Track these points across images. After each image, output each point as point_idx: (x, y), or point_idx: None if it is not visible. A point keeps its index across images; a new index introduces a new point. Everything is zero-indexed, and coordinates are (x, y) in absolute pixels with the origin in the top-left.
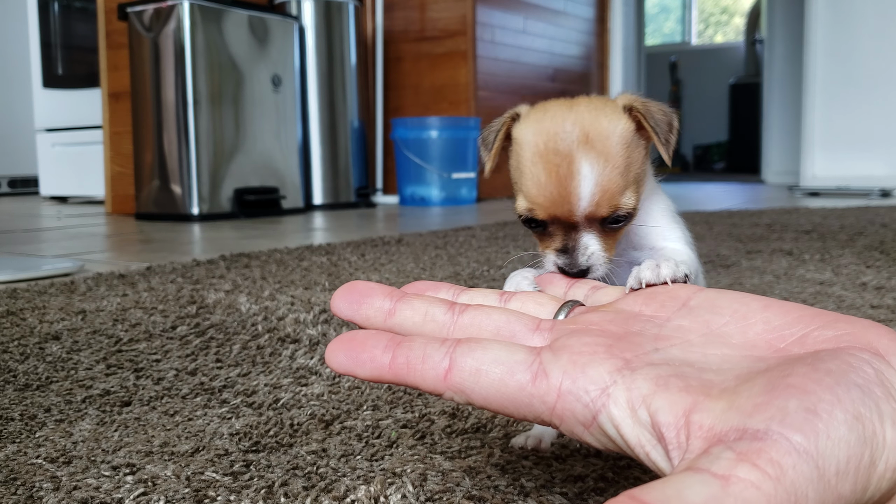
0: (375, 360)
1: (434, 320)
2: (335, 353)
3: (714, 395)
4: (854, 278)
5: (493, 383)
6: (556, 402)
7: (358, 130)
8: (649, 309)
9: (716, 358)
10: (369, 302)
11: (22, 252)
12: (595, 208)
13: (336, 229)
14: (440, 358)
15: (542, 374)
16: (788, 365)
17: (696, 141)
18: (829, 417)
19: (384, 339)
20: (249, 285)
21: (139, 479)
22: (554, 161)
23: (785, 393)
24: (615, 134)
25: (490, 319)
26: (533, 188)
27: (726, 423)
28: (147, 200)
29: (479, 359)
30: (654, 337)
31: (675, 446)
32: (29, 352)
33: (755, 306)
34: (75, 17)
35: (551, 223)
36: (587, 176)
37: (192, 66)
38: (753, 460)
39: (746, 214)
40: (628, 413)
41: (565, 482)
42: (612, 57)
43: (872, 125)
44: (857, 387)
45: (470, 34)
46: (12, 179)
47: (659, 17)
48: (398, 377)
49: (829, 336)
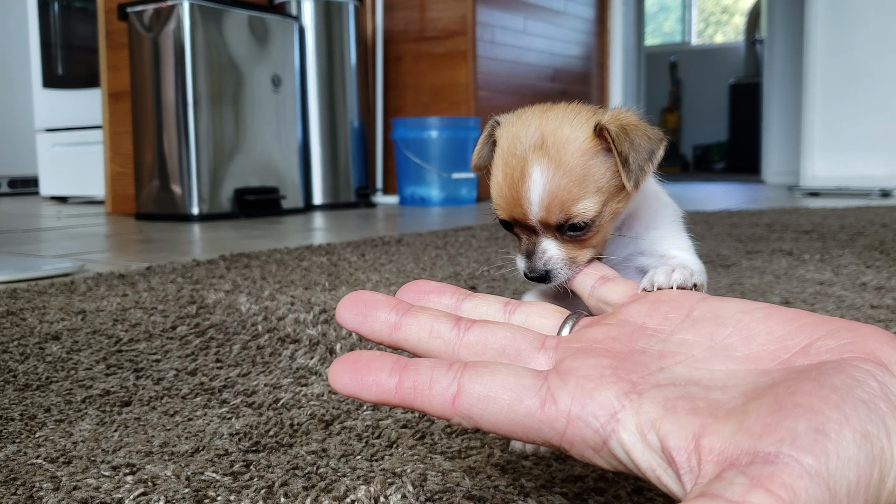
0: (381, 384)
1: (440, 337)
2: (339, 375)
3: (721, 417)
4: (854, 278)
5: (501, 409)
6: (567, 428)
7: (358, 130)
8: (653, 321)
9: (721, 374)
10: (374, 315)
11: (22, 252)
12: (546, 214)
13: (336, 229)
14: (448, 383)
15: (550, 399)
16: (794, 381)
17: (696, 141)
18: (838, 437)
19: (389, 361)
20: (249, 285)
21: (139, 479)
22: (511, 164)
23: (793, 413)
24: (574, 143)
25: (496, 337)
26: (495, 190)
27: (737, 447)
28: (147, 200)
29: (486, 385)
30: (658, 355)
31: (687, 470)
32: (29, 352)
33: (758, 315)
34: (75, 17)
35: (515, 225)
36: (537, 181)
37: (192, 66)
38: (766, 486)
39: (746, 214)
40: (638, 438)
41: (565, 482)
42: (612, 57)
43: (872, 125)
44: (864, 403)
45: (470, 34)
46: (12, 179)
47: (659, 17)
48: (405, 402)
49: (832, 346)
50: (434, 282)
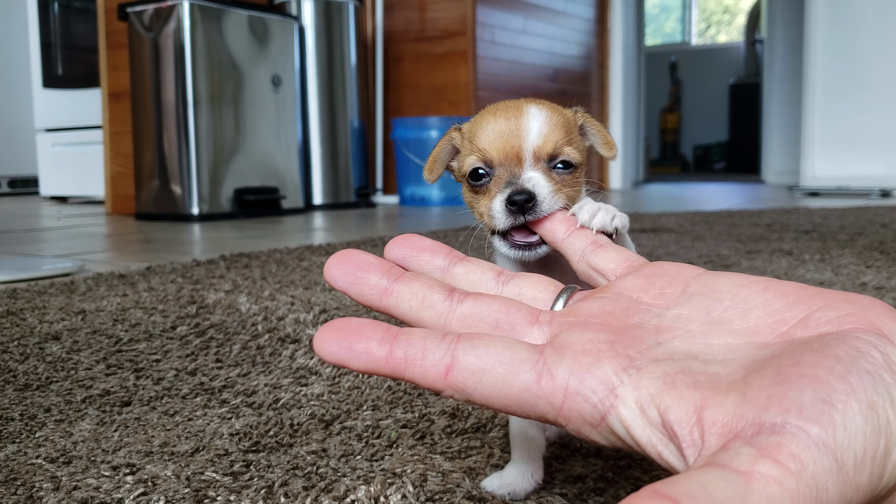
0: (371, 353)
1: (432, 307)
2: (326, 342)
3: (723, 390)
4: (854, 278)
5: (496, 383)
6: (564, 403)
7: (358, 130)
8: (648, 295)
9: (719, 348)
10: (365, 278)
11: (22, 252)
12: (543, 142)
13: (336, 229)
14: (441, 355)
15: (547, 374)
16: (796, 352)
17: (696, 141)
18: (844, 408)
19: (380, 329)
20: (249, 285)
21: (139, 479)
22: (504, 107)
23: (798, 383)
24: (562, 109)
25: (490, 310)
26: (485, 131)
27: (741, 418)
28: (147, 200)
29: (482, 357)
30: (654, 329)
31: (690, 444)
32: (29, 352)
33: (754, 289)
34: (75, 17)
35: (499, 166)
36: (535, 116)
37: (192, 66)
38: (774, 455)
39: (746, 214)
40: (638, 413)
41: (565, 482)
42: (612, 57)
43: (872, 125)
44: (868, 374)
45: (470, 34)
46: (12, 179)
47: (659, 17)
48: (395, 372)
49: (831, 317)
50: (429, 239)
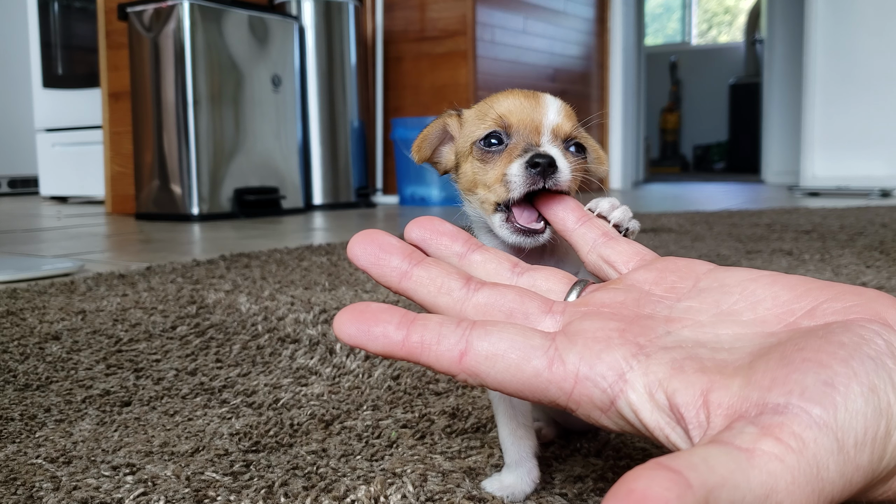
0: (388, 336)
1: (449, 294)
2: (346, 325)
3: (729, 374)
4: (854, 278)
5: (508, 368)
6: (574, 388)
7: (358, 130)
8: (660, 289)
9: (727, 337)
10: (387, 259)
11: (22, 252)
12: (561, 121)
13: (336, 229)
14: (456, 340)
15: (558, 359)
16: (801, 339)
17: (696, 141)
18: (846, 391)
19: (398, 314)
20: (249, 285)
21: (139, 479)
22: (519, 90)
23: (802, 366)
24: None
25: (505, 300)
26: (503, 103)
27: (745, 400)
28: (147, 200)
29: (495, 343)
30: (665, 319)
31: (696, 425)
32: (29, 352)
33: (763, 282)
34: (75, 17)
35: (516, 133)
36: (552, 101)
37: (192, 66)
38: (776, 434)
39: (746, 214)
40: (646, 398)
41: (565, 482)
42: (612, 57)
43: (872, 125)
44: (871, 359)
45: (470, 34)
46: (12, 179)
47: (662, 19)
48: (411, 355)
49: (837, 308)
50: (449, 224)
